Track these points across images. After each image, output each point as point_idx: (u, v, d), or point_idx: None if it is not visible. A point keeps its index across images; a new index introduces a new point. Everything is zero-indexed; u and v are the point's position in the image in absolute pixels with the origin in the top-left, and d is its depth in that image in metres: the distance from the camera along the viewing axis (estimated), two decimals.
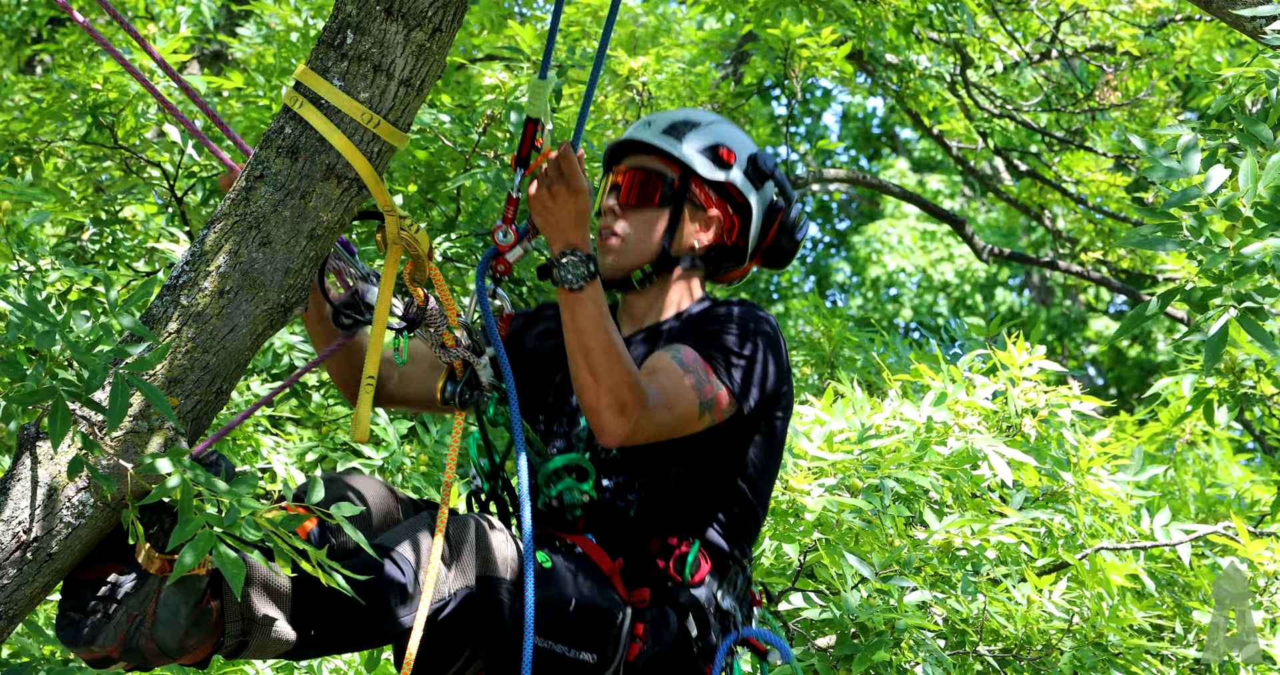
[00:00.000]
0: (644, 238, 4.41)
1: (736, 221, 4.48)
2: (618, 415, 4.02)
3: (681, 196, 4.41)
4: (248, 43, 9.28)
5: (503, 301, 4.21)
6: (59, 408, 3.28)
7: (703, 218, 4.45)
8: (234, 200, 3.75)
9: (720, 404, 4.17)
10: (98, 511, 3.59)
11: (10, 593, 3.57)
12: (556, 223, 4.05)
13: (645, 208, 4.41)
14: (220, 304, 3.68)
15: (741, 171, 4.46)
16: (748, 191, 4.47)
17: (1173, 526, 6.54)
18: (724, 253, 4.51)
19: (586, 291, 3.99)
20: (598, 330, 4.00)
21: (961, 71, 11.03)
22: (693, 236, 4.44)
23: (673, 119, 4.50)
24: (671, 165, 4.44)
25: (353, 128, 3.75)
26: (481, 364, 4.11)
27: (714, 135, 4.47)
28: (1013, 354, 6.68)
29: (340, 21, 3.76)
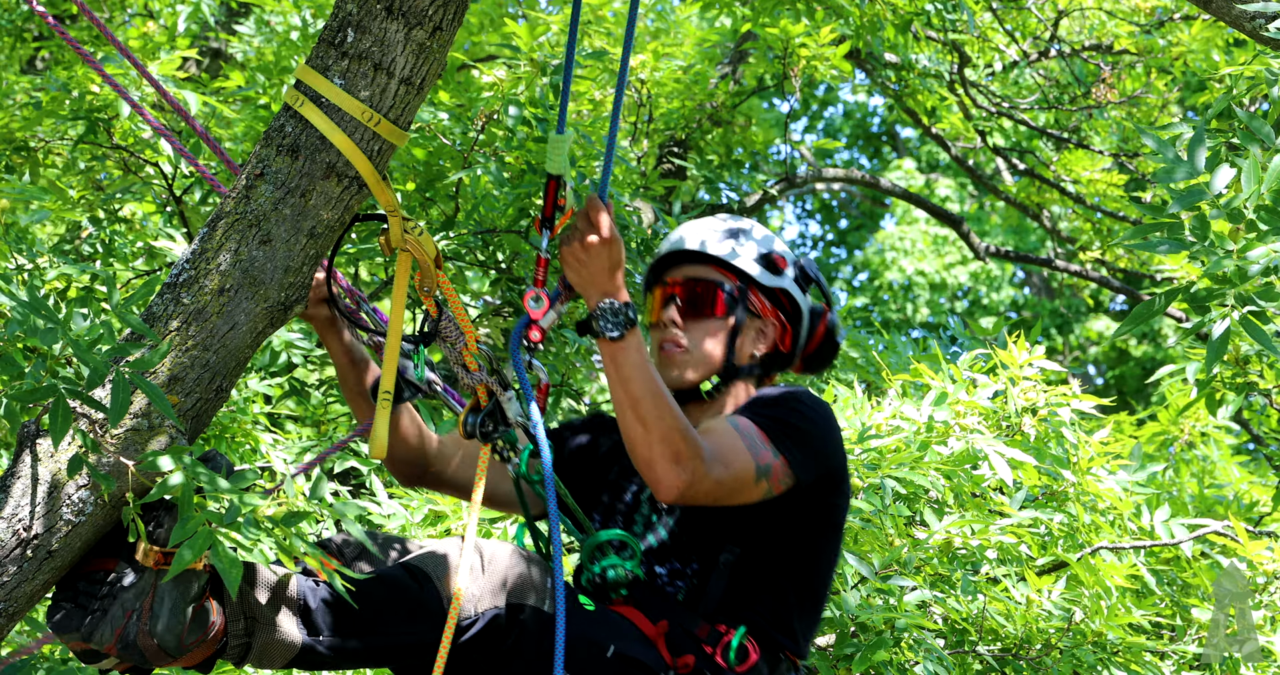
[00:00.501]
0: (709, 349, 4.33)
1: (789, 328, 4.41)
2: (673, 464, 3.91)
3: (742, 306, 4.34)
4: (247, 40, 9.27)
5: (540, 372, 4.13)
6: (59, 405, 3.28)
7: (759, 326, 4.38)
8: (234, 198, 3.75)
9: (776, 473, 4.07)
10: (98, 509, 3.59)
11: (10, 590, 3.57)
12: (591, 275, 3.99)
13: (707, 318, 4.34)
14: (221, 302, 3.68)
15: (792, 278, 4.41)
16: (799, 297, 4.41)
17: (1173, 523, 6.53)
18: (775, 360, 4.42)
19: (627, 340, 3.93)
20: (643, 378, 3.92)
21: (959, 70, 11.02)
22: (752, 345, 4.38)
23: (719, 227, 4.43)
24: (728, 274, 4.37)
25: (353, 126, 3.75)
26: (507, 397, 4.02)
27: (765, 243, 4.41)
28: (1013, 353, 6.68)
29: (341, 20, 3.76)
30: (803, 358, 4.48)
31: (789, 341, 4.40)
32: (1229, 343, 2.90)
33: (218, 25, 10.73)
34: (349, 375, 4.35)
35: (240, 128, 7.66)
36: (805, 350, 4.46)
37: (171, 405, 3.57)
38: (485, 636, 3.89)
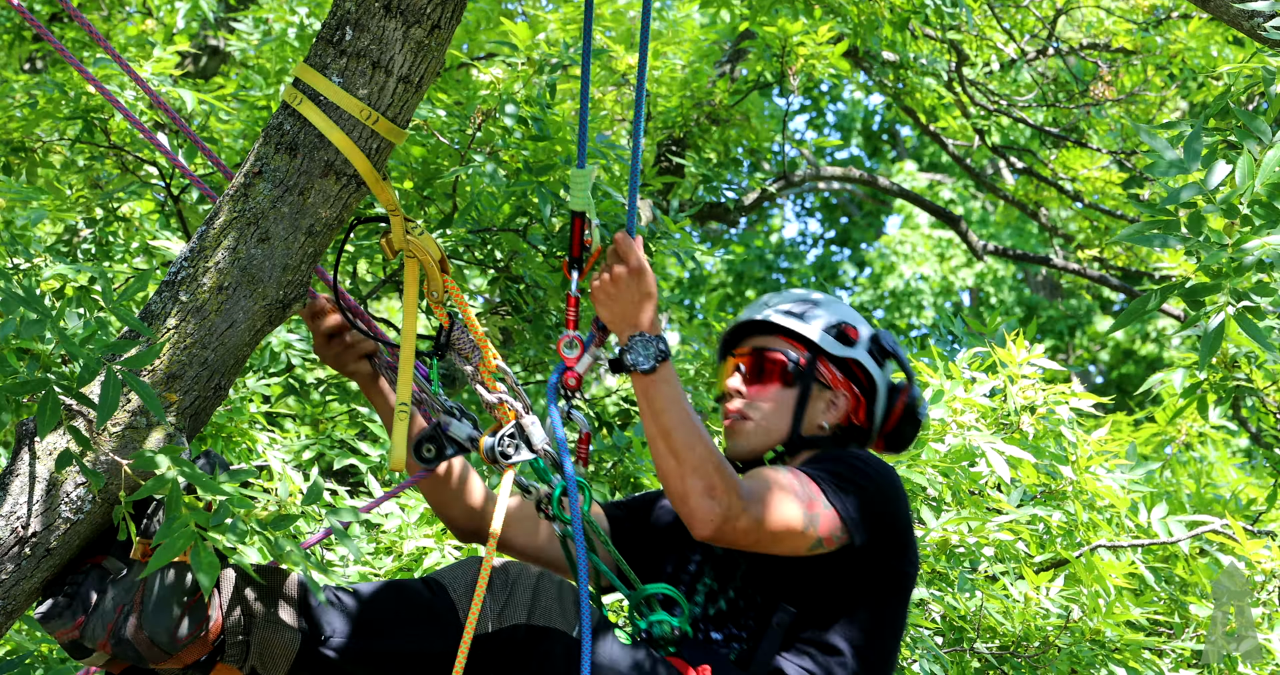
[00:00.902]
0: (774, 419, 4.23)
1: (863, 401, 4.29)
2: (706, 497, 3.81)
3: (809, 375, 4.24)
4: (244, 38, 9.26)
5: (579, 421, 4.04)
6: (49, 399, 3.27)
7: (829, 397, 4.27)
8: (233, 196, 3.76)
9: (827, 525, 3.95)
10: (96, 507, 3.59)
11: (8, 588, 3.58)
12: (621, 310, 3.93)
13: (772, 388, 4.25)
14: (219, 300, 3.68)
15: (865, 350, 4.30)
16: (873, 369, 4.30)
17: (1171, 521, 6.53)
18: (849, 433, 4.30)
19: (659, 372, 3.86)
20: (676, 409, 3.85)
21: (957, 68, 11.03)
22: (820, 416, 4.26)
23: (791, 299, 4.35)
24: (797, 345, 4.28)
25: (351, 124, 3.75)
26: (530, 421, 3.96)
27: (836, 313, 4.32)
28: (1011, 351, 6.68)
29: (339, 18, 3.76)
30: (882, 435, 4.36)
31: (863, 414, 4.29)
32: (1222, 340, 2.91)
33: (216, 22, 10.72)
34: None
35: (238, 125, 7.65)
36: (884, 427, 4.34)
37: (169, 403, 3.57)
38: (503, 654, 3.83)
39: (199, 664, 3.79)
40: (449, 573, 3.92)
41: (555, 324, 7.89)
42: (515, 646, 3.84)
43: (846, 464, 4.05)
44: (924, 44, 10.60)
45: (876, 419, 4.31)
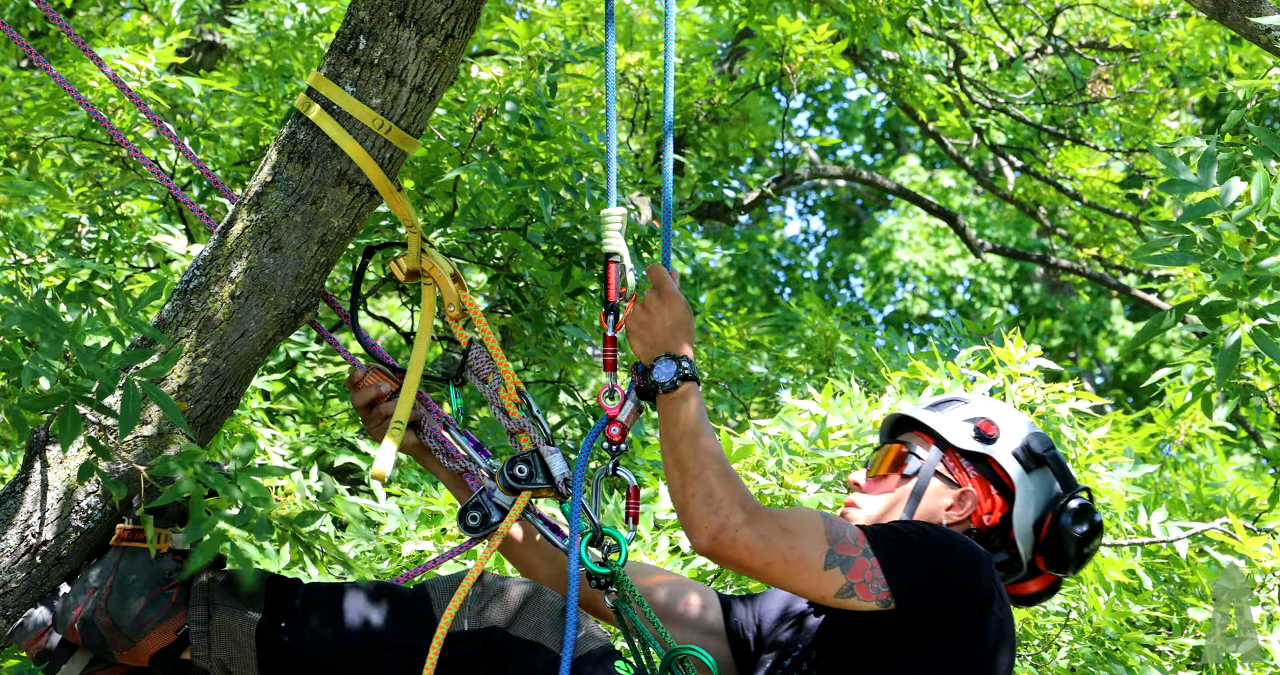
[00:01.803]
0: (883, 510, 3.99)
1: (1000, 503, 4.00)
2: (704, 505, 3.64)
3: (931, 468, 4.00)
4: (241, 33, 9.25)
5: (626, 475, 3.91)
6: (69, 412, 3.27)
7: (955, 493, 3.99)
8: (245, 205, 3.75)
9: (861, 571, 3.68)
10: (107, 515, 3.60)
11: (19, 596, 3.59)
12: (653, 337, 3.82)
13: (889, 479, 4.02)
14: (231, 309, 3.68)
15: (1009, 450, 4.00)
16: (1012, 470, 3.99)
17: (1170, 523, 6.54)
18: (983, 540, 4.00)
19: (679, 389, 3.74)
20: (688, 425, 3.72)
21: (955, 67, 11.03)
22: (940, 513, 3.98)
23: (944, 397, 4.16)
24: (928, 439, 4.05)
25: (364, 133, 3.74)
26: (549, 452, 3.89)
27: (979, 410, 4.07)
28: (1010, 351, 6.68)
29: (353, 27, 3.75)
30: (1041, 551, 4.02)
31: (998, 517, 3.98)
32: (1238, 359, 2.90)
33: (213, 16, 10.70)
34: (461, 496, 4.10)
35: (238, 121, 7.64)
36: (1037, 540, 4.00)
37: (182, 412, 3.57)
38: (483, 660, 3.77)
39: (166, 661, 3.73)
40: (437, 579, 3.87)
41: (555, 323, 7.88)
42: (499, 655, 3.77)
43: (914, 525, 3.80)
44: (922, 42, 10.60)
45: (1021, 527, 3.99)
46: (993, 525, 3.99)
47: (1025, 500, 3.98)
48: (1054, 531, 3.96)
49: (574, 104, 8.80)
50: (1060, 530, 3.96)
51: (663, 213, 4.00)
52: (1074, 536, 3.95)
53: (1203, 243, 2.86)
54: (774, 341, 10.00)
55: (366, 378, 4.03)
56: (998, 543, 4.00)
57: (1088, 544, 3.97)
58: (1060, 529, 3.96)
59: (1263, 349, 2.90)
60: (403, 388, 3.87)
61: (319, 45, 8.61)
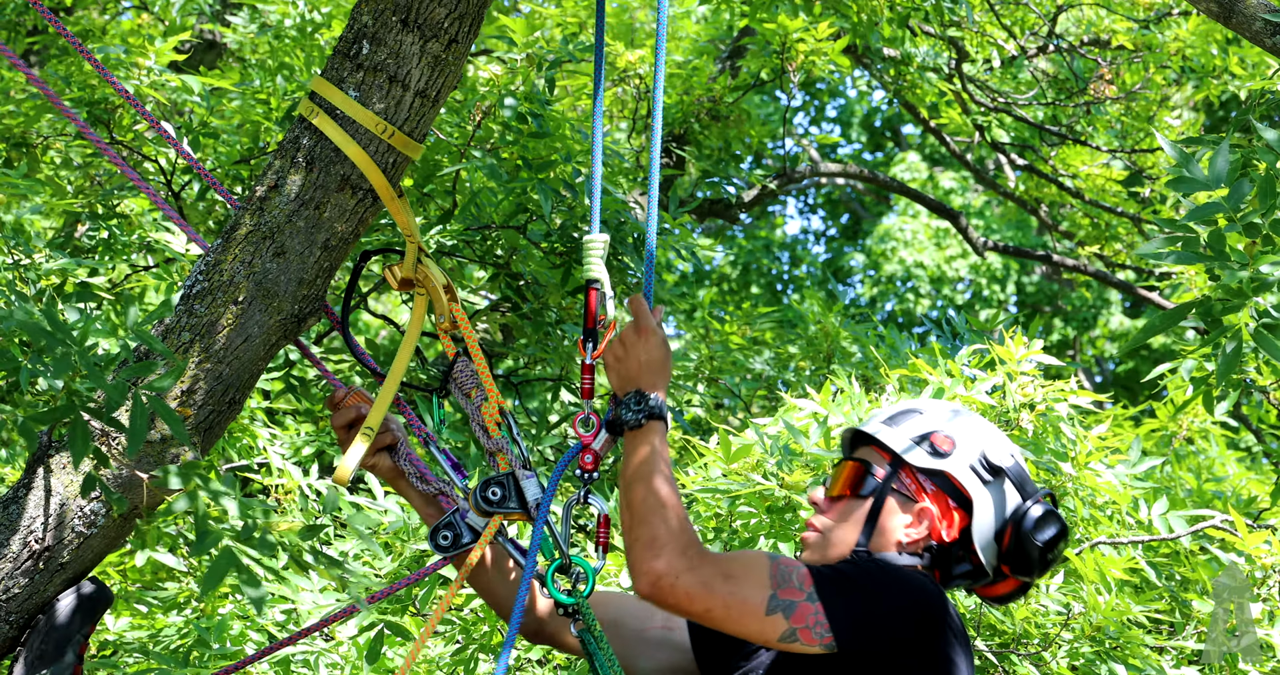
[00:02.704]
0: (842, 531, 3.92)
1: (959, 518, 3.92)
2: (647, 548, 3.62)
3: (886, 486, 3.92)
4: (241, 32, 9.25)
5: (596, 504, 3.91)
6: (78, 427, 3.26)
7: (914, 510, 3.92)
8: (249, 209, 3.75)
9: (803, 617, 3.65)
10: (109, 521, 3.60)
11: (21, 602, 3.59)
12: (627, 372, 3.80)
13: (847, 499, 3.93)
14: (234, 314, 3.68)
15: (968, 464, 3.93)
16: (968, 482, 3.92)
17: (1172, 516, 6.53)
18: (944, 553, 3.93)
19: (644, 427, 3.73)
20: (644, 465, 3.71)
21: (957, 66, 11.02)
22: (899, 531, 3.91)
23: (899, 408, 4.08)
24: (885, 454, 3.97)
25: (367, 138, 3.74)
26: (525, 476, 3.88)
27: (936, 422, 3.99)
28: (1010, 348, 6.68)
29: (356, 32, 3.75)
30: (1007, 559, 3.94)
31: (957, 532, 3.91)
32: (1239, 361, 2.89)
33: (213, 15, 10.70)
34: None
35: (237, 118, 7.64)
36: (1001, 549, 3.93)
37: (184, 418, 3.57)
38: None
39: None
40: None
41: (555, 321, 7.89)
42: None
43: (862, 567, 3.78)
44: (924, 40, 10.59)
45: (981, 540, 3.92)
46: (953, 540, 3.92)
47: (985, 512, 3.92)
48: (1016, 540, 3.90)
49: (574, 102, 8.80)
50: (1022, 538, 3.90)
51: (646, 244, 3.98)
52: (1036, 544, 3.89)
53: (1207, 243, 2.86)
54: (776, 338, 10.00)
55: (347, 398, 4.02)
56: (960, 554, 3.94)
57: (1051, 550, 3.92)
58: (1022, 537, 3.90)
59: (1265, 350, 2.89)
60: (379, 394, 3.86)
61: (319, 43, 8.60)
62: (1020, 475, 3.97)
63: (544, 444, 7.45)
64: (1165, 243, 2.96)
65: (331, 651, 6.08)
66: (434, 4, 3.68)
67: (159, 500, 3.55)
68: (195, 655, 5.66)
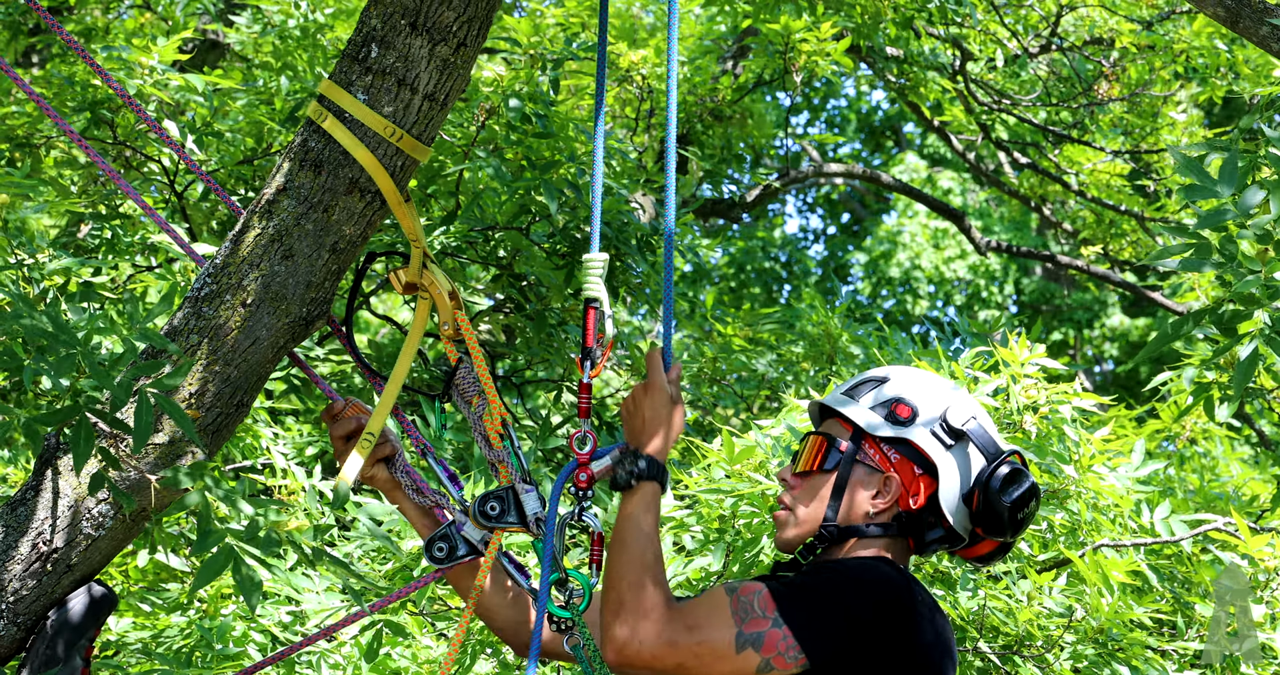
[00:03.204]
0: (809, 507, 3.89)
1: (925, 485, 3.90)
2: (614, 618, 3.63)
3: (849, 458, 3.90)
4: (245, 33, 9.24)
5: (592, 521, 3.88)
6: (82, 427, 3.26)
7: (879, 481, 3.90)
8: (257, 212, 3.75)
9: (773, 644, 3.63)
10: (118, 523, 3.60)
11: (30, 603, 3.59)
12: (631, 427, 3.81)
13: (814, 474, 3.91)
14: (242, 316, 3.68)
15: (929, 428, 3.91)
16: (931, 449, 3.89)
17: (1174, 519, 6.53)
18: (915, 521, 3.91)
19: (636, 489, 3.72)
20: (626, 524, 3.71)
21: (960, 66, 11.02)
22: (866, 503, 3.89)
23: (860, 378, 4.05)
24: (847, 426, 3.94)
25: (376, 141, 3.74)
26: (525, 490, 3.90)
27: (896, 390, 3.96)
28: (1013, 351, 6.67)
29: (365, 35, 3.75)
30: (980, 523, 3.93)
31: (925, 499, 3.89)
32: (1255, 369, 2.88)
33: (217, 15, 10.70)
34: (425, 532, 4.09)
35: (243, 122, 7.65)
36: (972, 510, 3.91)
37: (192, 420, 3.56)
38: None
39: None
40: None
41: (558, 322, 7.89)
42: None
43: (825, 574, 3.75)
44: (928, 40, 10.59)
45: (949, 505, 3.89)
46: (921, 507, 3.90)
47: (950, 477, 3.90)
48: (984, 501, 3.89)
49: (577, 102, 8.79)
50: (990, 499, 3.88)
51: (664, 292, 3.96)
52: (1004, 505, 3.88)
53: (1218, 249, 2.85)
54: (777, 338, 10.00)
55: (346, 410, 4.02)
56: (931, 520, 3.91)
57: (1021, 509, 3.91)
58: (990, 498, 3.88)
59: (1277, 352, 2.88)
60: (380, 399, 3.86)
61: (322, 43, 8.60)
62: (984, 437, 3.94)
63: (548, 444, 7.44)
64: (1177, 250, 2.95)
65: (334, 652, 6.08)
66: (443, 7, 3.68)
67: (167, 501, 3.55)
68: (198, 656, 5.66)
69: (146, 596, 6.15)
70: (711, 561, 5.79)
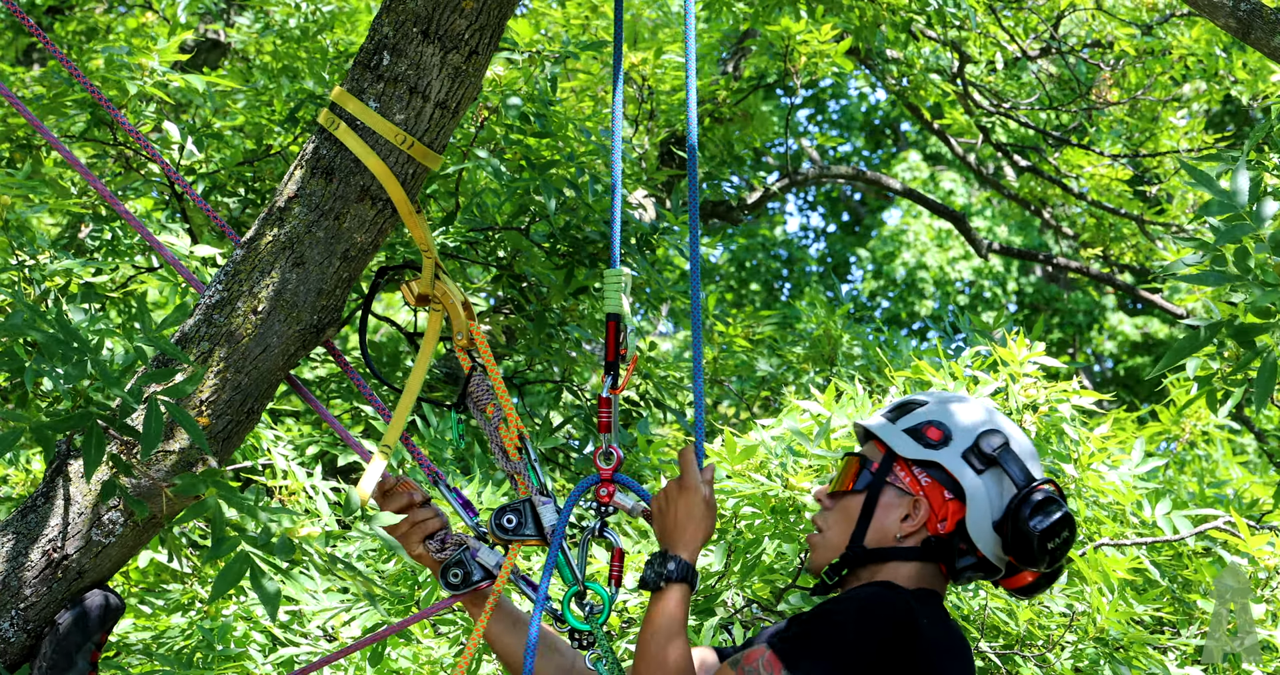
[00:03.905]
0: (839, 529, 3.88)
1: (954, 510, 3.83)
2: None
3: (880, 480, 3.87)
4: (245, 32, 9.24)
5: (613, 538, 3.90)
6: (93, 435, 3.26)
7: (908, 503, 3.85)
8: (268, 220, 3.75)
9: None
10: (128, 530, 3.60)
11: (40, 610, 3.59)
12: (662, 527, 3.79)
13: (846, 495, 3.88)
14: (253, 324, 3.68)
15: (960, 452, 3.86)
16: (961, 473, 3.84)
17: (1176, 516, 6.54)
18: (944, 546, 3.83)
19: (664, 591, 3.71)
20: (655, 624, 3.70)
21: (960, 69, 11.02)
22: (894, 525, 3.84)
23: (901, 400, 4.00)
24: (882, 447, 3.91)
25: (387, 149, 3.74)
26: (542, 502, 3.89)
27: (931, 413, 3.92)
28: (1012, 350, 6.68)
29: (376, 43, 3.75)
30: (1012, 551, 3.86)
31: (952, 524, 3.83)
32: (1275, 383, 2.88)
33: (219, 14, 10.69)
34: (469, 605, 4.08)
35: (240, 120, 7.64)
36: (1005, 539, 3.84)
37: (202, 428, 3.57)
38: None
39: None
40: None
41: (558, 322, 7.90)
42: None
43: (825, 620, 3.69)
44: (926, 43, 10.59)
45: (979, 530, 3.83)
46: (949, 531, 3.83)
47: (978, 502, 3.84)
48: (1014, 528, 3.81)
49: (577, 102, 8.80)
50: (1018, 527, 3.81)
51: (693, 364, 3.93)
52: (1032, 533, 3.80)
53: (1235, 263, 2.84)
54: (777, 337, 10.01)
55: (397, 486, 4.00)
56: (962, 547, 3.84)
57: (1051, 539, 3.83)
58: (1019, 525, 3.81)
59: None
60: (395, 411, 3.85)
61: (323, 44, 8.60)
62: (1020, 464, 3.87)
63: (545, 444, 7.45)
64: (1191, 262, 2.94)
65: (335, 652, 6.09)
66: (455, 16, 3.68)
67: (179, 508, 3.55)
68: (199, 657, 5.66)
69: (146, 598, 6.15)
70: (713, 562, 5.79)
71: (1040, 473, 3.90)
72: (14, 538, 3.58)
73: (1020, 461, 3.88)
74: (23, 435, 3.23)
